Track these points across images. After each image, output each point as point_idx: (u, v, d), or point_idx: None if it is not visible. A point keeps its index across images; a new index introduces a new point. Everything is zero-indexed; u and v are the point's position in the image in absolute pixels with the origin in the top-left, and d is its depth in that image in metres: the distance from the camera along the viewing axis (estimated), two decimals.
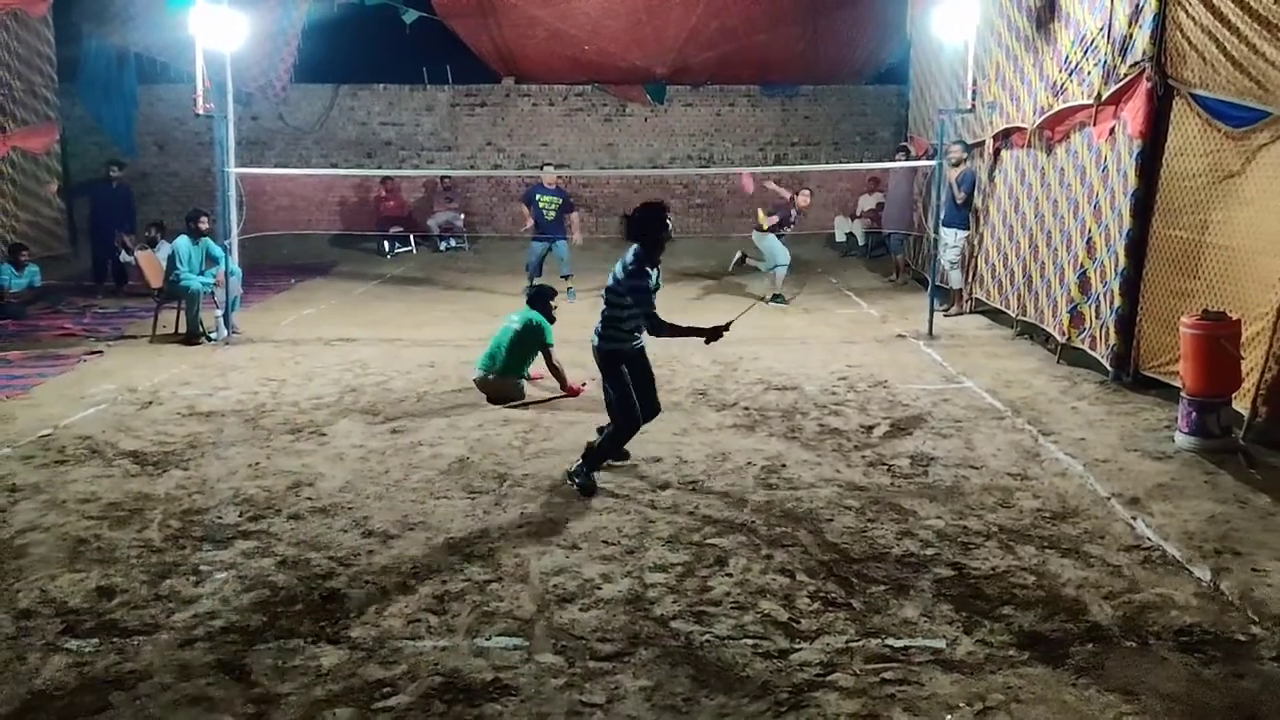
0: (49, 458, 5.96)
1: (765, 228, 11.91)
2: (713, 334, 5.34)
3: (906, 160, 13.31)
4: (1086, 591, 4.09)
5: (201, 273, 9.84)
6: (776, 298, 11.89)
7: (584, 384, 7.44)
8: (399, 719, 3.24)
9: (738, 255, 12.57)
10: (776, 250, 11.89)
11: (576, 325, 7.64)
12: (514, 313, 7.70)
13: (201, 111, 9.44)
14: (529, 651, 3.65)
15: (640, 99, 17.58)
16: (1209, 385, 5.89)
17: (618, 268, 5.33)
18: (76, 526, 4.87)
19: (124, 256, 13.10)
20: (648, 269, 5.30)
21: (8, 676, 3.50)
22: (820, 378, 7.90)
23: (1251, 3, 6.04)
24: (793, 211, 12.04)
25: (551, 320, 7.54)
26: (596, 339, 5.49)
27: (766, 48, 16.62)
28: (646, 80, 17.27)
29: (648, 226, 5.31)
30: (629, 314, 5.34)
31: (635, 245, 5.33)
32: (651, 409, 5.63)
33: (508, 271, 14.86)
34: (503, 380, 7.32)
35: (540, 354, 7.44)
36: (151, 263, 10.87)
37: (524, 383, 7.45)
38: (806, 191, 12.33)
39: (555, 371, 7.43)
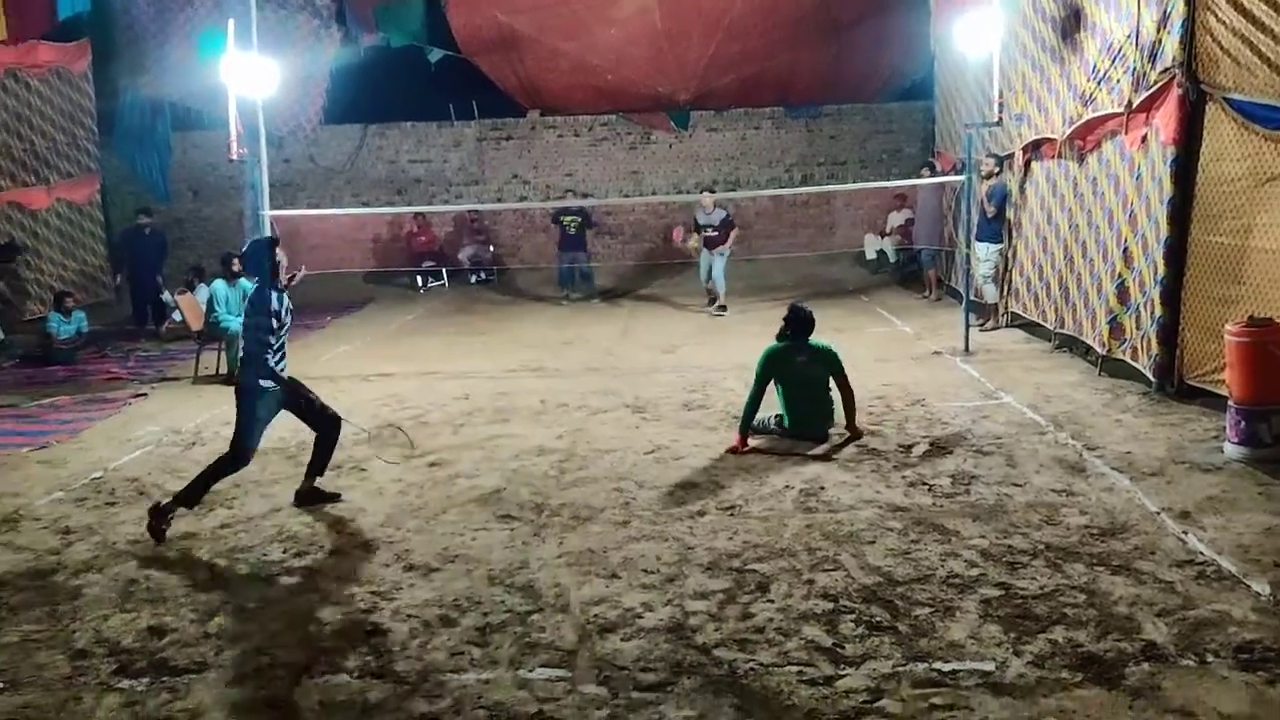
0: (100, 500, 6.06)
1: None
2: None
3: (932, 176, 13.27)
4: (1139, 609, 4.01)
5: (240, 314, 9.99)
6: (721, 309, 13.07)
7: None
8: None
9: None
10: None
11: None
12: (796, 353, 6.79)
13: (235, 157, 9.62)
14: (572, 682, 3.63)
15: (664, 126, 17.68)
16: (1258, 393, 5.77)
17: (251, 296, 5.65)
18: (127, 567, 4.93)
19: (165, 297, 13.36)
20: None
21: (64, 716, 3.54)
22: (856, 397, 7.83)
23: None
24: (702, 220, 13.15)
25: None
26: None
27: (789, 69, 16.67)
28: (670, 107, 17.37)
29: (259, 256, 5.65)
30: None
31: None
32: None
33: (535, 301, 14.98)
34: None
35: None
36: (191, 306, 11.07)
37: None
38: (707, 194, 13.45)
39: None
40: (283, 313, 5.57)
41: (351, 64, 15.61)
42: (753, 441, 6.59)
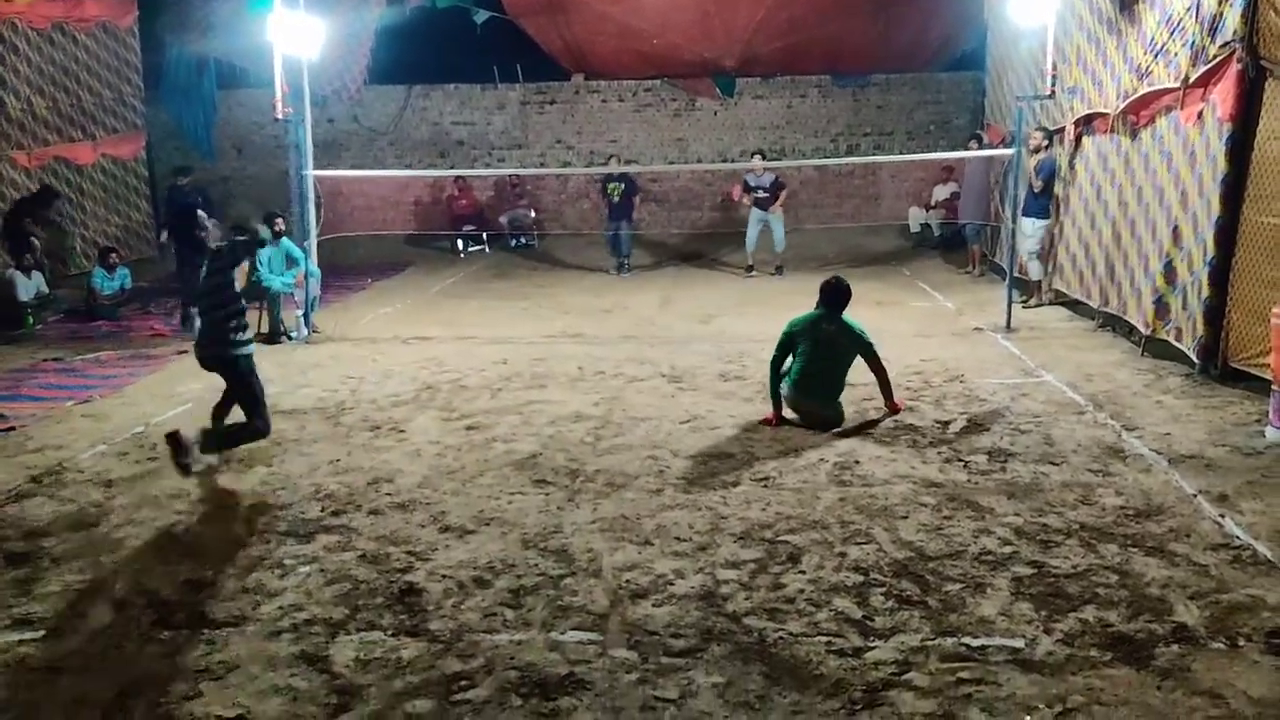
0: (142, 454, 6.20)
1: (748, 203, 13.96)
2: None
3: (979, 149, 13.05)
4: (1172, 591, 3.98)
5: (282, 274, 10.11)
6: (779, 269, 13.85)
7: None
8: (477, 711, 3.30)
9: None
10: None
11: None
12: (825, 321, 6.52)
13: (280, 116, 9.68)
14: (603, 646, 3.69)
15: (709, 93, 17.51)
16: None
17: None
18: (168, 521, 5.06)
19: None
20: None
21: (106, 664, 3.66)
22: (894, 372, 7.78)
23: None
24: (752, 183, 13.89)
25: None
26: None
27: (837, 37, 16.40)
28: (715, 73, 17.20)
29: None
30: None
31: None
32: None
33: (576, 268, 15.00)
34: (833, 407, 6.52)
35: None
36: None
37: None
38: (758, 158, 13.96)
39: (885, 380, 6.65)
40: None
41: (396, 24, 15.59)
42: (787, 414, 6.57)
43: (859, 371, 6.61)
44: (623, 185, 14.29)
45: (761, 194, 13.69)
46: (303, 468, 5.86)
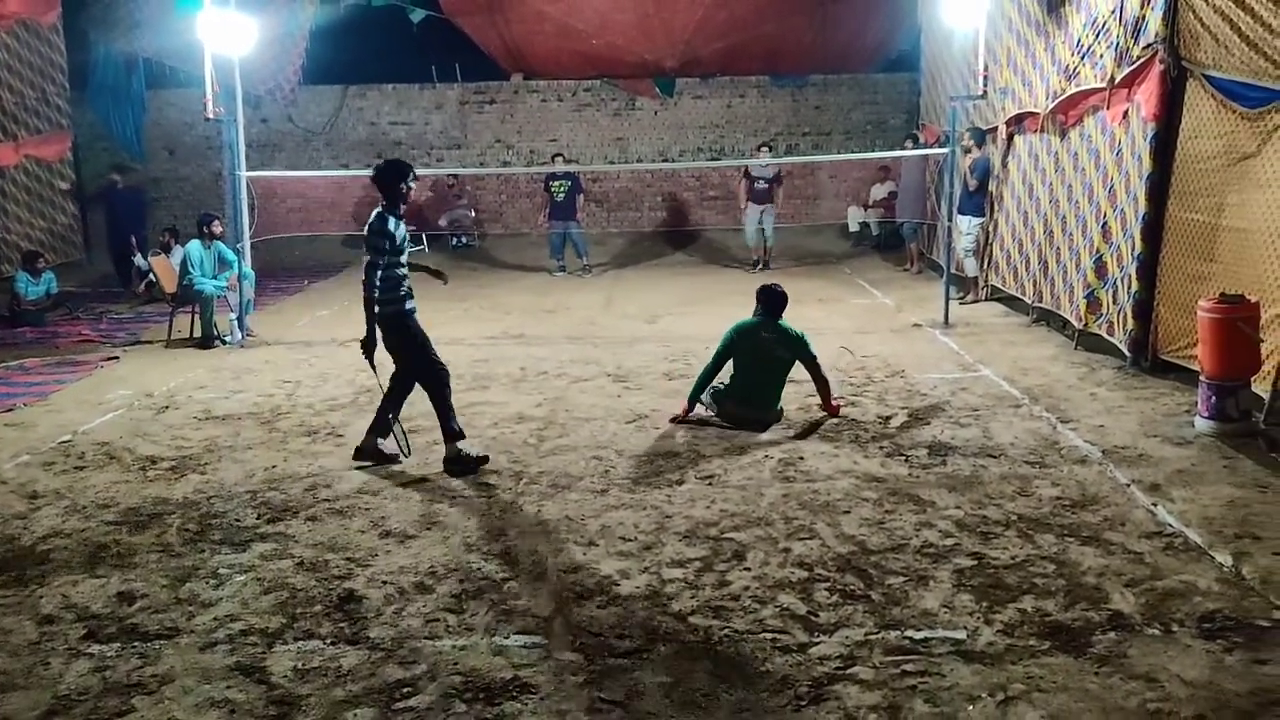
0: (69, 464, 6.00)
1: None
2: (365, 344, 5.85)
3: (914, 148, 13.26)
4: (1108, 579, 4.06)
5: (214, 276, 9.88)
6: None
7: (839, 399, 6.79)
8: (420, 718, 3.25)
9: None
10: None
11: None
12: (764, 329, 6.52)
13: (211, 116, 9.46)
14: (548, 649, 3.65)
15: (649, 93, 17.53)
16: (1227, 369, 5.84)
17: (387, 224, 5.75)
18: (97, 532, 4.90)
19: (137, 260, 13.20)
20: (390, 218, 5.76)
21: (32, 681, 3.52)
22: (836, 369, 7.86)
23: None
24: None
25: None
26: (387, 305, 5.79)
27: (776, 37, 16.53)
28: (655, 74, 17.22)
29: (389, 178, 5.77)
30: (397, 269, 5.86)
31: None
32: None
33: (518, 268, 14.90)
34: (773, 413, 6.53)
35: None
36: (165, 268, 10.93)
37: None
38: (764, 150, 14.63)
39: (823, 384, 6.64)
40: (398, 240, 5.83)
41: (331, 23, 15.34)
42: (700, 411, 6.52)
43: (797, 368, 6.64)
44: (568, 183, 14.09)
45: (762, 184, 14.06)
46: (237, 474, 5.72)
